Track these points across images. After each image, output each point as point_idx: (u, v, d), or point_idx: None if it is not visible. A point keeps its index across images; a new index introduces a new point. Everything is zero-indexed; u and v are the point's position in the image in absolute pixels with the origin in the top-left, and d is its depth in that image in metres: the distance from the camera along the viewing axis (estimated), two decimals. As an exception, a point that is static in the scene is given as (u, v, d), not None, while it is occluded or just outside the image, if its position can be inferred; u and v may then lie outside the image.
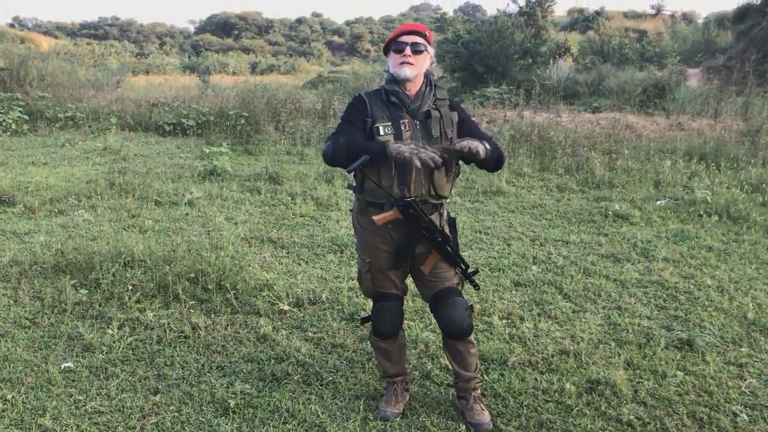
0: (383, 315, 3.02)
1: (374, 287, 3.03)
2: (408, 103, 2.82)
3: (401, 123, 2.79)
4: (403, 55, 2.79)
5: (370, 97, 2.88)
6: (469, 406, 3.06)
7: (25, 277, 4.67)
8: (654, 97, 15.41)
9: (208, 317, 4.11)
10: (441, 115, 2.84)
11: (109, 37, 76.88)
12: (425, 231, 2.81)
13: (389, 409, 3.09)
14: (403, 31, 2.85)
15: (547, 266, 5.23)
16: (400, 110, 2.82)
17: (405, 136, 2.77)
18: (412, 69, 2.80)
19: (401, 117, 2.81)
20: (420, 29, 2.86)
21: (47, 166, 8.92)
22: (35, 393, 3.22)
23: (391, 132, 2.78)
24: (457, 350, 3.04)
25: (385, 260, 2.93)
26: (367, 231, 2.93)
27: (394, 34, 2.86)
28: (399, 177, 2.77)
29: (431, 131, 2.82)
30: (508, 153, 9.53)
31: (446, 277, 2.97)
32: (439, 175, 2.80)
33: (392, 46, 2.85)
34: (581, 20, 37.17)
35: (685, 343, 3.88)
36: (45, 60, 16.64)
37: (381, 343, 3.11)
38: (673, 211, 6.86)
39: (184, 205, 6.88)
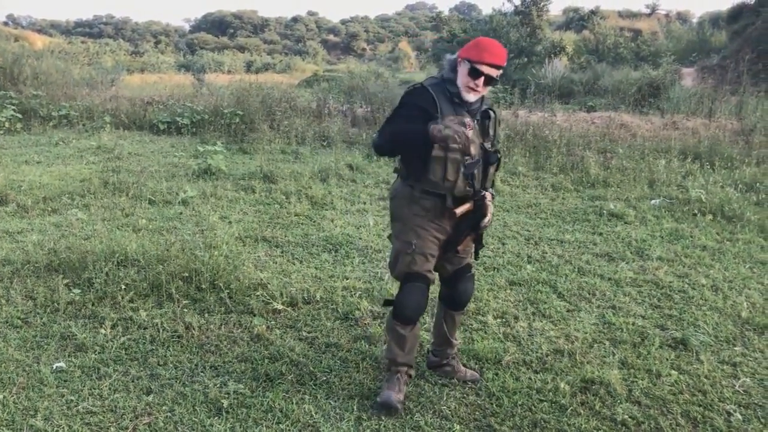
0: (412, 295, 3.09)
1: (412, 269, 3.08)
2: (465, 103, 2.98)
3: (466, 122, 2.89)
4: (475, 83, 2.92)
5: (436, 92, 2.97)
6: (457, 369, 3.42)
7: (18, 277, 4.64)
8: (649, 96, 15.44)
9: (202, 317, 4.09)
10: (495, 116, 3.08)
11: (104, 35, 76.73)
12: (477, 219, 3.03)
13: (394, 394, 3.11)
14: (486, 61, 2.88)
15: (542, 265, 5.23)
16: (462, 108, 2.97)
17: (469, 133, 2.83)
18: (476, 95, 2.98)
19: (463, 115, 2.94)
20: (501, 62, 2.93)
21: (41, 165, 8.88)
22: (27, 393, 3.20)
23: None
24: (454, 320, 3.40)
25: (430, 245, 3.08)
26: (420, 216, 3.05)
27: (478, 57, 2.88)
28: (466, 171, 2.95)
29: (488, 130, 3.06)
30: (503, 152, 9.52)
31: (467, 255, 3.26)
32: (492, 171, 3.08)
33: (469, 65, 2.90)
34: (576, 19, 37.24)
35: (680, 342, 3.89)
36: (39, 58, 16.56)
37: (399, 327, 3.14)
38: (667, 210, 6.87)
39: (178, 204, 6.85)
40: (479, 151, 2.97)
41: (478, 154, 2.95)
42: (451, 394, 3.28)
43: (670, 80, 16.19)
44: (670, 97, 14.79)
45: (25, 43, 27.11)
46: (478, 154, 2.96)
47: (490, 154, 3.03)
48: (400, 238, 3.12)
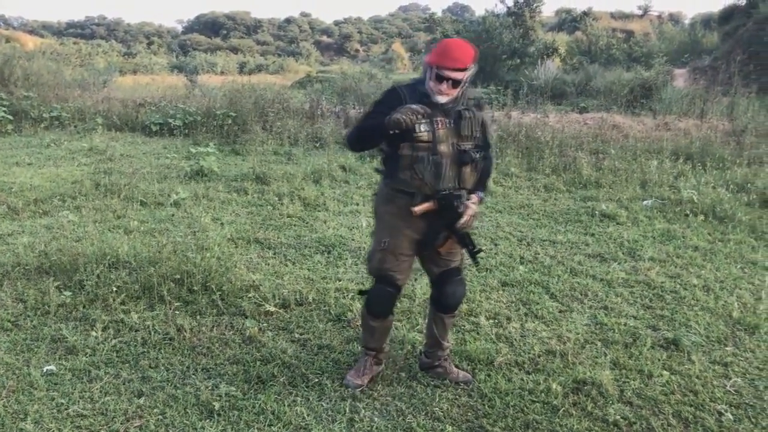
0: (379, 298, 3.25)
1: (382, 267, 3.18)
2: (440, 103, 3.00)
3: (436, 121, 2.98)
4: (440, 87, 2.95)
5: (407, 94, 3.04)
6: (449, 370, 3.44)
7: (8, 279, 4.61)
8: (641, 97, 15.49)
9: (194, 319, 4.07)
10: (471, 116, 3.04)
11: (96, 36, 76.46)
12: (452, 219, 3.04)
13: (352, 379, 3.35)
14: (450, 67, 2.91)
15: (534, 266, 5.23)
16: (435, 109, 2.98)
17: (440, 134, 2.98)
18: (446, 98, 2.99)
19: (435, 115, 2.97)
20: (463, 65, 2.92)
21: (32, 167, 8.83)
22: (17, 397, 3.18)
23: (428, 130, 2.97)
24: (444, 323, 3.39)
25: (402, 244, 3.14)
26: (394, 215, 3.12)
27: (438, 62, 2.92)
28: (434, 170, 2.98)
29: (461, 130, 3.02)
30: (496, 153, 9.54)
31: (455, 258, 3.26)
32: (466, 171, 3.05)
33: (435, 70, 2.94)
34: (569, 21, 37.34)
35: (671, 342, 3.90)
36: (30, 59, 16.47)
37: (370, 319, 3.33)
38: (659, 210, 6.89)
39: (170, 205, 6.83)
40: (452, 151, 3.00)
41: (449, 153, 2.99)
42: (443, 396, 3.28)
43: (662, 81, 16.26)
44: (662, 98, 14.84)
45: (16, 44, 27.00)
46: (449, 154, 2.99)
47: (463, 154, 3.02)
48: (375, 235, 3.25)
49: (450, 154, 3.00)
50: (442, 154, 2.97)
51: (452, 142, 3.00)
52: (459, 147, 3.02)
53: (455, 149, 3.01)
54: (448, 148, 2.99)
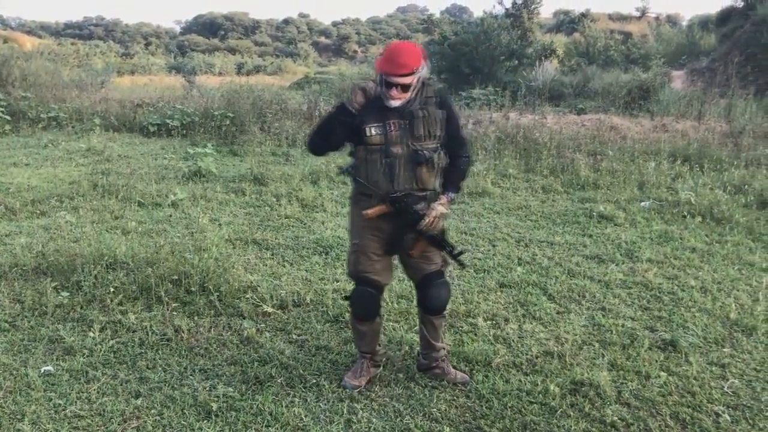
0: (359, 300, 3.26)
1: (357, 269, 3.21)
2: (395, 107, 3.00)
3: (389, 123, 3.00)
4: (390, 93, 2.96)
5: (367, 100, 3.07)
6: (446, 371, 3.43)
7: (5, 280, 4.60)
8: (638, 98, 15.51)
9: (191, 319, 4.07)
10: (425, 115, 3.02)
11: (94, 37, 76.32)
12: (412, 221, 3.05)
13: (350, 380, 3.35)
14: (395, 72, 2.90)
15: (532, 267, 5.24)
16: (389, 111, 3.00)
17: (393, 135, 3.00)
18: (399, 102, 2.98)
19: (389, 117, 3.00)
20: (408, 70, 2.90)
21: (29, 167, 8.82)
22: (14, 397, 3.18)
23: (379, 133, 3.00)
24: (433, 324, 3.38)
25: (372, 245, 3.16)
26: (360, 217, 3.14)
27: (386, 67, 2.92)
28: (387, 172, 3.02)
29: (415, 130, 3.01)
30: (493, 155, 9.54)
31: (433, 260, 3.25)
32: (422, 170, 3.03)
33: (382, 77, 2.95)
34: (567, 22, 37.39)
35: (669, 343, 3.90)
36: (28, 60, 16.46)
37: (356, 323, 3.36)
38: (657, 212, 6.90)
39: (167, 206, 6.83)
40: (405, 151, 3.01)
41: (402, 154, 3.00)
42: (441, 397, 3.28)
43: (659, 83, 16.28)
44: (659, 100, 14.86)
45: (14, 45, 26.94)
46: (403, 155, 3.01)
47: (416, 154, 3.01)
48: (350, 238, 3.31)
49: (404, 155, 3.01)
50: (395, 156, 3.00)
51: (407, 142, 3.01)
52: (413, 147, 3.01)
53: (409, 150, 3.01)
54: (402, 149, 3.00)
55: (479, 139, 10.31)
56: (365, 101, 3.01)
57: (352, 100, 3.03)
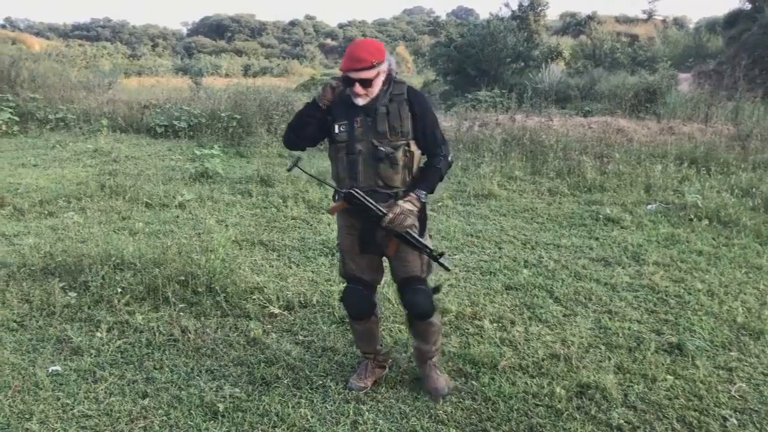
0: (348, 297, 3.25)
1: (344, 269, 3.25)
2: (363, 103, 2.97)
3: (355, 121, 2.97)
4: (353, 90, 2.92)
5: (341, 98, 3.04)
6: (426, 374, 3.35)
7: (14, 280, 4.63)
8: (645, 101, 15.47)
9: (198, 320, 4.08)
10: (388, 111, 2.96)
11: (102, 38, 76.65)
12: (375, 219, 2.97)
13: (355, 382, 3.36)
14: (352, 67, 2.87)
15: (538, 270, 5.23)
16: (357, 109, 2.97)
17: (357, 132, 2.97)
18: (364, 99, 2.94)
19: (356, 115, 2.97)
20: (365, 64, 2.85)
21: (37, 168, 8.87)
22: (22, 397, 3.20)
23: (345, 130, 2.99)
24: (420, 327, 3.29)
25: (350, 244, 3.16)
26: (340, 216, 3.18)
27: (343, 68, 2.89)
28: (349, 169, 3.00)
29: (377, 126, 2.96)
30: (499, 157, 9.54)
31: (411, 264, 3.15)
32: (384, 167, 2.98)
33: (343, 75, 2.93)
34: (573, 24, 37.38)
35: (675, 347, 3.89)
36: (36, 61, 16.57)
37: (352, 323, 3.38)
38: (663, 215, 6.88)
39: (174, 207, 6.85)
40: (367, 148, 2.97)
41: (365, 151, 2.97)
42: (447, 399, 3.28)
43: (666, 85, 16.24)
44: (666, 102, 14.82)
45: (23, 46, 27.12)
46: (365, 152, 2.97)
47: (376, 150, 2.96)
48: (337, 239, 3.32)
49: (366, 152, 2.97)
50: (358, 153, 2.97)
51: (370, 140, 2.97)
52: (374, 144, 2.96)
53: (372, 146, 2.97)
54: (365, 147, 2.97)
55: (485, 141, 10.31)
56: (334, 98, 3.00)
57: (322, 96, 3.03)
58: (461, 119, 12.47)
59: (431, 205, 7.16)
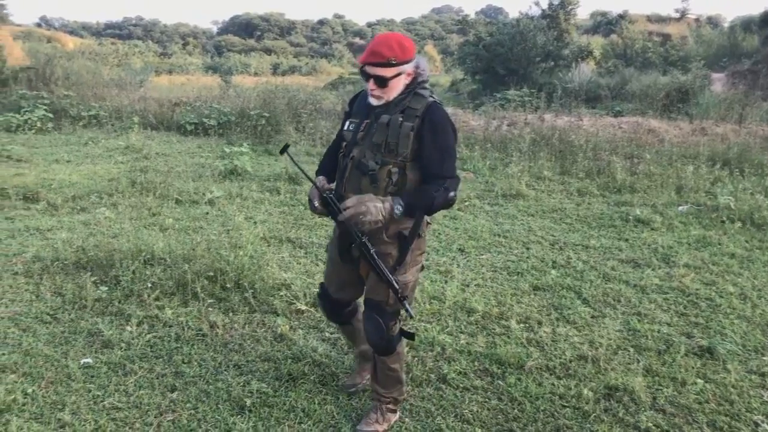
0: (319, 301, 3.17)
1: (325, 273, 3.12)
2: (377, 105, 2.68)
3: (363, 123, 2.71)
4: (369, 87, 2.64)
5: (361, 95, 2.87)
6: (367, 413, 3.04)
7: (47, 273, 4.72)
8: (677, 101, 15.26)
9: (226, 316, 4.13)
10: (389, 122, 2.61)
11: (133, 36, 77.66)
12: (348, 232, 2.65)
13: (346, 380, 3.35)
14: (366, 61, 2.58)
15: (567, 271, 5.19)
16: (371, 111, 2.70)
17: (358, 135, 2.70)
18: (379, 100, 2.64)
19: (367, 117, 2.71)
20: (381, 59, 2.54)
21: (70, 164, 9.02)
22: (55, 387, 3.26)
23: (351, 129, 2.75)
24: (377, 362, 2.95)
25: (332, 252, 2.98)
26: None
27: (362, 59, 2.61)
28: (339, 174, 2.79)
29: (373, 136, 2.64)
30: (528, 156, 9.47)
31: (375, 289, 2.78)
32: (365, 182, 2.65)
33: (360, 69, 2.66)
34: (604, 23, 36.97)
35: (706, 350, 3.83)
36: (70, 59, 16.88)
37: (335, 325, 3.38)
38: (695, 216, 6.78)
39: (204, 204, 6.93)
40: (359, 156, 2.67)
41: (357, 159, 2.67)
42: (472, 398, 3.28)
43: (699, 85, 15.99)
44: (699, 103, 14.60)
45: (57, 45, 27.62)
46: (355, 158, 2.68)
47: (361, 162, 2.64)
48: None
49: (356, 160, 2.68)
50: (350, 158, 2.70)
51: (364, 149, 2.67)
52: (365, 155, 2.65)
53: (362, 156, 2.66)
54: (359, 154, 2.67)
55: (514, 141, 10.26)
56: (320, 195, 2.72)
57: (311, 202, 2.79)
58: (489, 118, 12.41)
59: (458, 204, 7.14)
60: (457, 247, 5.75)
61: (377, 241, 2.68)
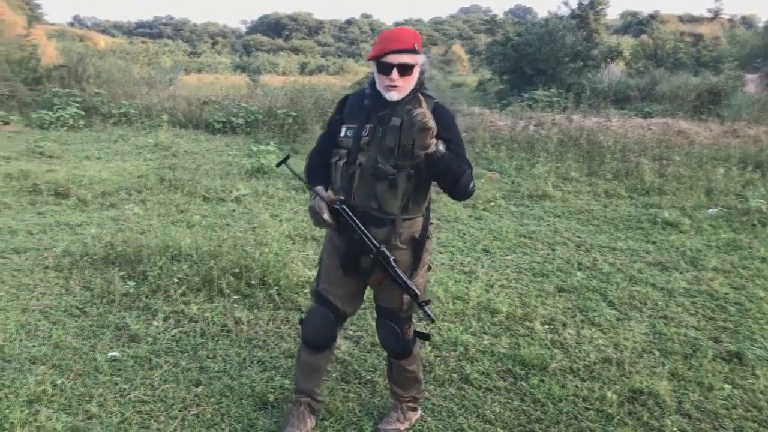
0: (313, 319, 2.83)
1: (318, 288, 2.84)
2: (379, 109, 2.59)
3: (365, 127, 2.59)
4: (389, 78, 2.51)
5: (352, 97, 2.75)
6: (389, 412, 3.04)
7: (77, 268, 4.81)
8: (708, 102, 15.02)
9: (251, 312, 4.16)
10: (402, 124, 2.49)
11: (164, 36, 78.61)
12: (361, 242, 2.58)
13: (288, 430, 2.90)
14: (390, 49, 2.49)
15: (593, 272, 5.14)
16: (371, 114, 2.60)
17: (363, 141, 2.57)
18: (399, 92, 2.53)
19: (368, 121, 2.59)
20: (406, 45, 2.49)
21: (100, 161, 9.17)
22: (83, 380, 3.32)
23: (351, 135, 2.61)
24: (393, 365, 2.95)
25: (335, 263, 2.75)
26: (327, 231, 2.80)
27: (380, 50, 2.50)
28: (346, 183, 2.62)
29: (387, 140, 2.54)
30: (555, 157, 9.39)
31: (390, 297, 2.74)
32: (381, 189, 2.56)
33: (377, 63, 2.53)
34: (635, 23, 36.54)
35: (734, 355, 3.77)
36: (102, 58, 17.13)
37: (304, 351, 2.92)
38: (725, 219, 6.68)
39: (231, 201, 6.99)
40: (370, 163, 2.56)
41: (367, 165, 2.57)
42: (495, 399, 3.27)
43: (732, 86, 15.72)
44: (731, 104, 14.35)
45: (89, 43, 28.05)
46: (367, 166, 2.57)
47: (377, 168, 2.55)
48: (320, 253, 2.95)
49: (367, 166, 2.57)
50: (357, 165, 2.58)
51: (374, 154, 2.56)
52: (377, 160, 2.55)
53: (374, 162, 2.56)
54: (368, 160, 2.57)
55: (541, 141, 10.18)
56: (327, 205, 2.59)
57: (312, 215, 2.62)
58: (516, 118, 12.34)
59: (483, 204, 7.12)
60: (482, 247, 5.73)
61: (391, 248, 2.63)
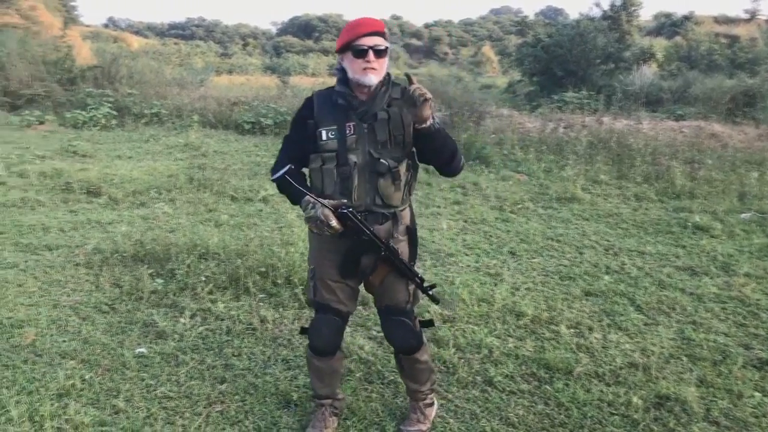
0: (320, 328, 2.81)
1: (316, 298, 2.79)
2: (356, 105, 2.58)
3: (347, 126, 2.57)
4: (366, 60, 2.50)
5: (319, 98, 2.67)
6: (408, 414, 3.03)
7: (107, 265, 4.89)
8: (743, 105, 14.73)
9: (276, 311, 4.19)
10: (389, 116, 2.55)
11: (195, 37, 79.44)
12: (368, 242, 2.57)
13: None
14: (362, 32, 2.50)
15: (620, 277, 5.08)
16: (348, 112, 2.58)
17: (350, 140, 2.56)
18: (377, 74, 2.53)
19: (348, 120, 2.57)
20: (379, 28, 2.52)
21: (132, 160, 9.32)
22: (111, 375, 3.37)
23: (334, 137, 2.57)
24: (404, 363, 2.95)
25: (329, 269, 2.71)
26: (317, 237, 2.69)
27: (352, 35, 2.50)
28: (342, 184, 2.58)
29: (377, 134, 2.56)
30: (584, 159, 9.30)
31: (396, 292, 2.76)
32: (384, 183, 2.58)
33: (351, 48, 2.52)
34: (668, 25, 36.02)
35: (765, 363, 3.69)
36: (134, 59, 17.40)
37: (315, 359, 2.89)
38: (758, 224, 6.54)
39: (258, 201, 7.05)
40: (365, 160, 2.56)
41: (361, 163, 2.56)
42: (518, 402, 3.24)
43: (768, 89, 15.41)
44: (767, 107, 14.06)
45: (123, 44, 28.51)
46: (362, 164, 2.56)
47: (377, 163, 2.56)
48: (308, 262, 2.88)
49: (363, 164, 2.56)
50: (352, 165, 2.56)
51: (367, 150, 2.56)
52: (374, 155, 2.56)
53: (370, 158, 2.56)
54: (361, 158, 2.56)
55: (570, 144, 10.09)
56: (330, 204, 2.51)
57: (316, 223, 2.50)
58: (546, 120, 12.25)
59: (510, 206, 7.07)
60: (508, 249, 5.70)
61: (395, 242, 2.67)
